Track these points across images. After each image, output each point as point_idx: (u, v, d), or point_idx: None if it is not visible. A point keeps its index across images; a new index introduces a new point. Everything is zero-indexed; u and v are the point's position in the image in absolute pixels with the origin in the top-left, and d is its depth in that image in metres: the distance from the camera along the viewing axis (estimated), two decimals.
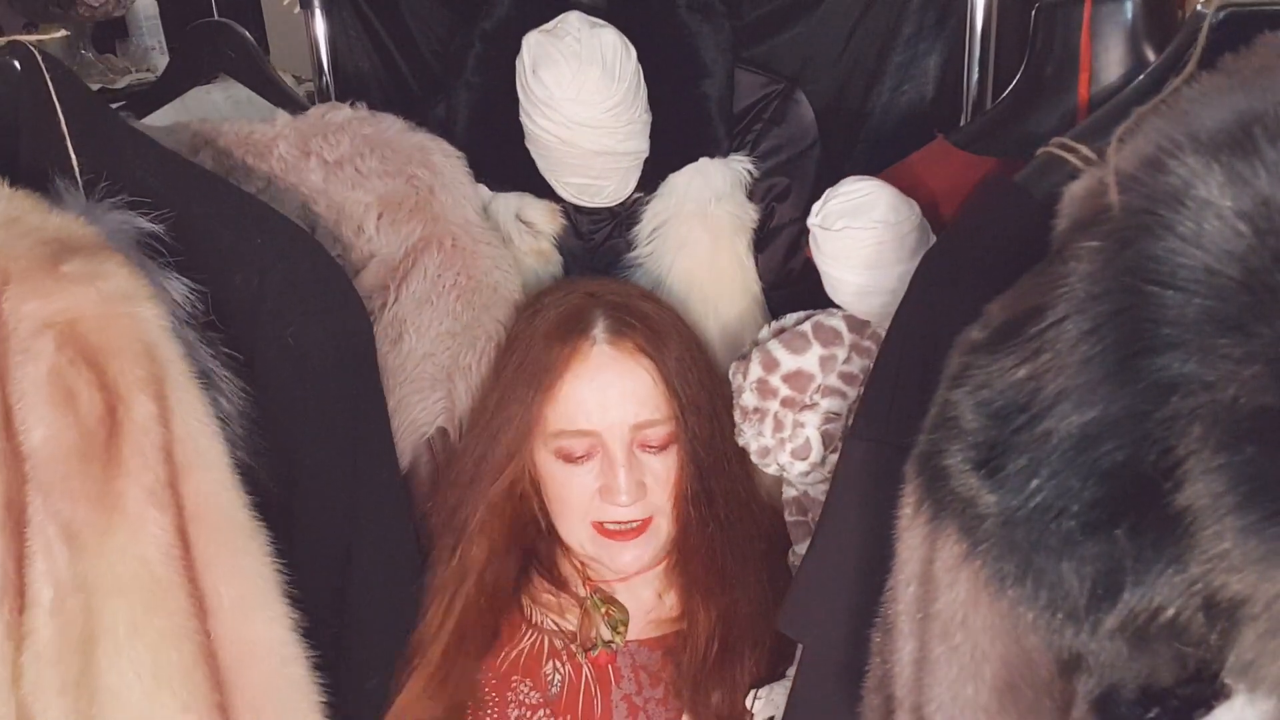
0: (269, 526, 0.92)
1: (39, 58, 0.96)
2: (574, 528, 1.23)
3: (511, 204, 1.42)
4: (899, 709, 0.78)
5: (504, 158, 1.39)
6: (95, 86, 2.13)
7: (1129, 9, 1.01)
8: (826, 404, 1.17)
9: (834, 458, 1.17)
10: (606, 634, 1.27)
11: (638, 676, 1.27)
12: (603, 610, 1.28)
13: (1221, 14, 0.81)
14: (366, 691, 1.11)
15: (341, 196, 1.27)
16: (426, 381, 1.27)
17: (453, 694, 1.23)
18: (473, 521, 1.23)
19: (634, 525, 1.21)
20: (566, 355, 1.18)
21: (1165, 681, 0.65)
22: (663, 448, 1.21)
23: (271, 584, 0.92)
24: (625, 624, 1.28)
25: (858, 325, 1.17)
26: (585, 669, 1.25)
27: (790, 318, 1.21)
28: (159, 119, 1.59)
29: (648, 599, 1.31)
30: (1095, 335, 0.62)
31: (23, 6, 2.46)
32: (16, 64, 0.96)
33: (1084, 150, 0.78)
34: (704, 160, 1.38)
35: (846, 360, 1.17)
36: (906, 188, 1.17)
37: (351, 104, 1.33)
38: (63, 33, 2.23)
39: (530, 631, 1.28)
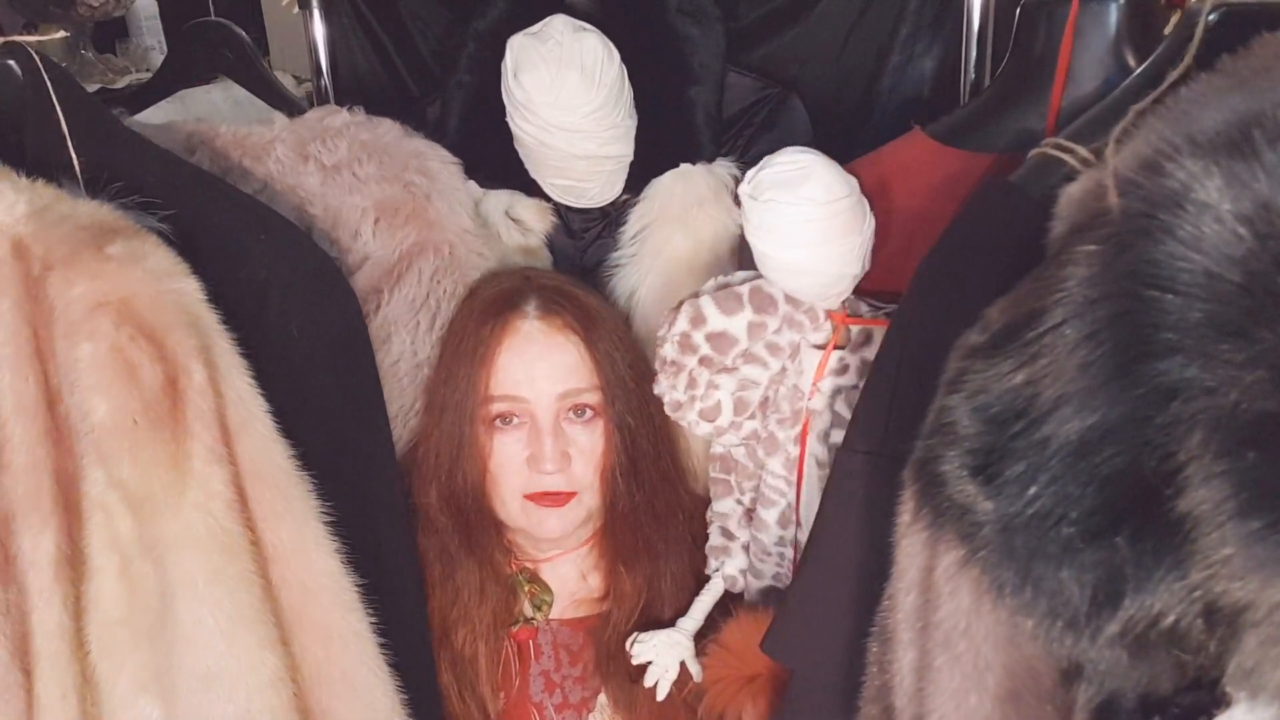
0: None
1: (37, 59, 0.97)
2: (506, 499, 1.26)
3: (502, 201, 1.42)
4: (899, 719, 0.78)
5: (495, 156, 1.39)
6: (95, 86, 2.13)
7: (1113, 12, 1.01)
8: (746, 370, 1.16)
9: (751, 425, 1.20)
10: (529, 610, 1.32)
11: (557, 654, 1.32)
12: (527, 588, 1.33)
13: (1214, 14, 0.80)
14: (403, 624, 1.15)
15: (338, 201, 1.27)
16: (417, 383, 1.30)
17: None
18: (432, 506, 1.28)
19: (560, 494, 1.25)
20: (499, 330, 1.23)
21: (1165, 690, 0.64)
22: (589, 420, 1.26)
23: (322, 527, 0.98)
24: (549, 603, 1.33)
25: (795, 298, 1.14)
26: (507, 643, 1.31)
27: (738, 275, 1.18)
28: (151, 116, 1.59)
29: (572, 579, 1.36)
30: (1094, 340, 0.61)
31: (23, 6, 2.46)
32: (15, 65, 0.97)
33: (1081, 151, 0.77)
34: (686, 166, 1.38)
35: (777, 331, 1.14)
36: (880, 177, 1.17)
37: (349, 109, 1.33)
38: (61, 34, 2.23)
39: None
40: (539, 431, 1.23)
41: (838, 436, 1.13)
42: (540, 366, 1.23)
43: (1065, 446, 0.62)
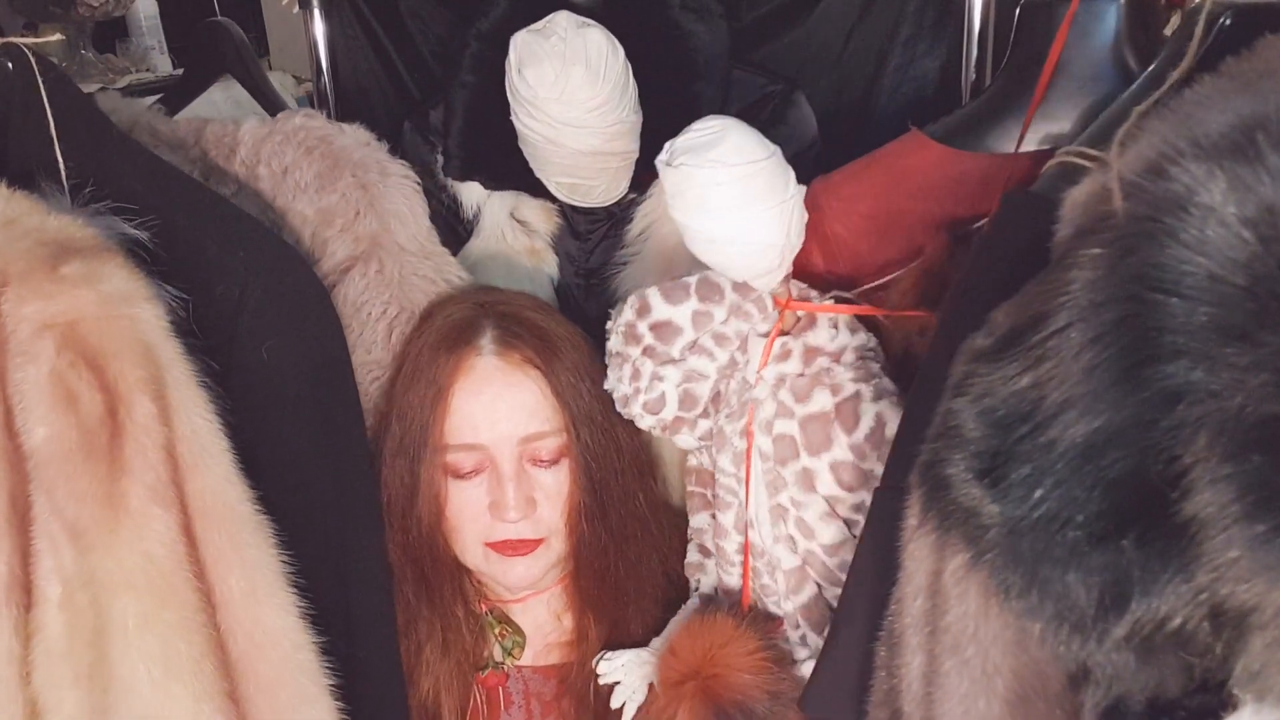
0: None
1: (32, 59, 0.96)
2: (468, 547, 1.20)
3: (507, 203, 1.42)
4: None
5: (500, 157, 1.39)
6: (95, 87, 2.12)
7: (1113, 12, 1.00)
8: (693, 361, 1.13)
9: (705, 423, 1.16)
10: (499, 654, 1.25)
11: (529, 704, 1.25)
12: (496, 630, 1.26)
13: (1224, 16, 0.80)
14: (374, 676, 1.12)
15: (286, 206, 1.24)
16: None
17: None
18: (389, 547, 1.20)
19: (525, 542, 1.18)
20: (453, 367, 1.16)
21: (1172, 692, 0.65)
22: (553, 461, 1.18)
23: (278, 574, 0.93)
24: (520, 646, 1.26)
25: (744, 287, 1.12)
26: (475, 690, 1.23)
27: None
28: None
29: (545, 621, 1.28)
30: (1099, 343, 0.61)
31: (22, 6, 2.46)
32: (9, 65, 0.96)
33: (1103, 157, 0.76)
34: None
35: (724, 321, 1.12)
36: (878, 178, 1.16)
37: (328, 115, 1.32)
38: (58, 36, 2.23)
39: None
40: (500, 478, 1.15)
41: (782, 426, 1.09)
42: (499, 408, 1.15)
43: (1071, 450, 0.62)
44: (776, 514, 1.12)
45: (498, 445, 1.15)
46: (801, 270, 1.18)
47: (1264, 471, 0.56)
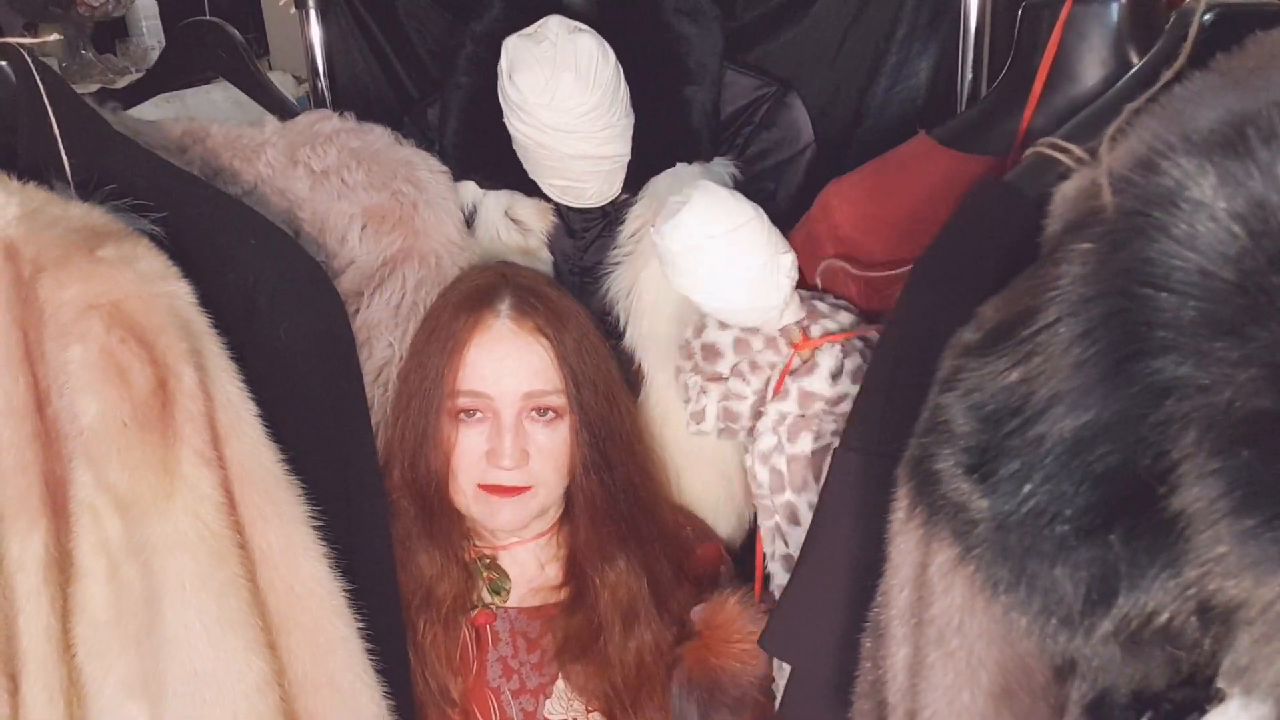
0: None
1: (30, 61, 0.98)
2: (461, 487, 1.28)
3: (502, 201, 1.42)
4: (891, 715, 0.78)
5: (494, 156, 1.40)
6: (95, 86, 2.12)
7: (1114, 11, 1.00)
8: (732, 383, 1.23)
9: (737, 433, 1.24)
10: (487, 596, 1.34)
11: (515, 641, 1.33)
12: (485, 575, 1.34)
13: (1209, 13, 0.80)
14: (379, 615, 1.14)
15: (326, 206, 1.28)
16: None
17: None
18: (394, 489, 1.29)
19: (515, 488, 1.27)
20: (471, 324, 1.26)
21: (1158, 686, 0.64)
22: (550, 421, 1.27)
23: (310, 530, 0.99)
24: (507, 590, 1.35)
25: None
26: (464, 629, 1.32)
27: None
28: (144, 112, 1.59)
29: (530, 568, 1.37)
30: (1088, 338, 0.61)
31: (22, 6, 2.47)
32: (7, 67, 0.98)
33: (1076, 150, 0.77)
34: (682, 165, 1.38)
35: (760, 351, 1.22)
36: (887, 182, 1.19)
37: (341, 114, 1.34)
38: (56, 36, 2.24)
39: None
40: (500, 428, 1.25)
41: (776, 460, 1.18)
42: (508, 365, 1.25)
43: (1059, 444, 0.62)
44: (773, 533, 1.23)
45: (502, 397, 1.25)
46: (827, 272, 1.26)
47: (1252, 466, 0.56)
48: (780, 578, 1.24)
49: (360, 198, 1.29)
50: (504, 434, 1.24)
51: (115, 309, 0.86)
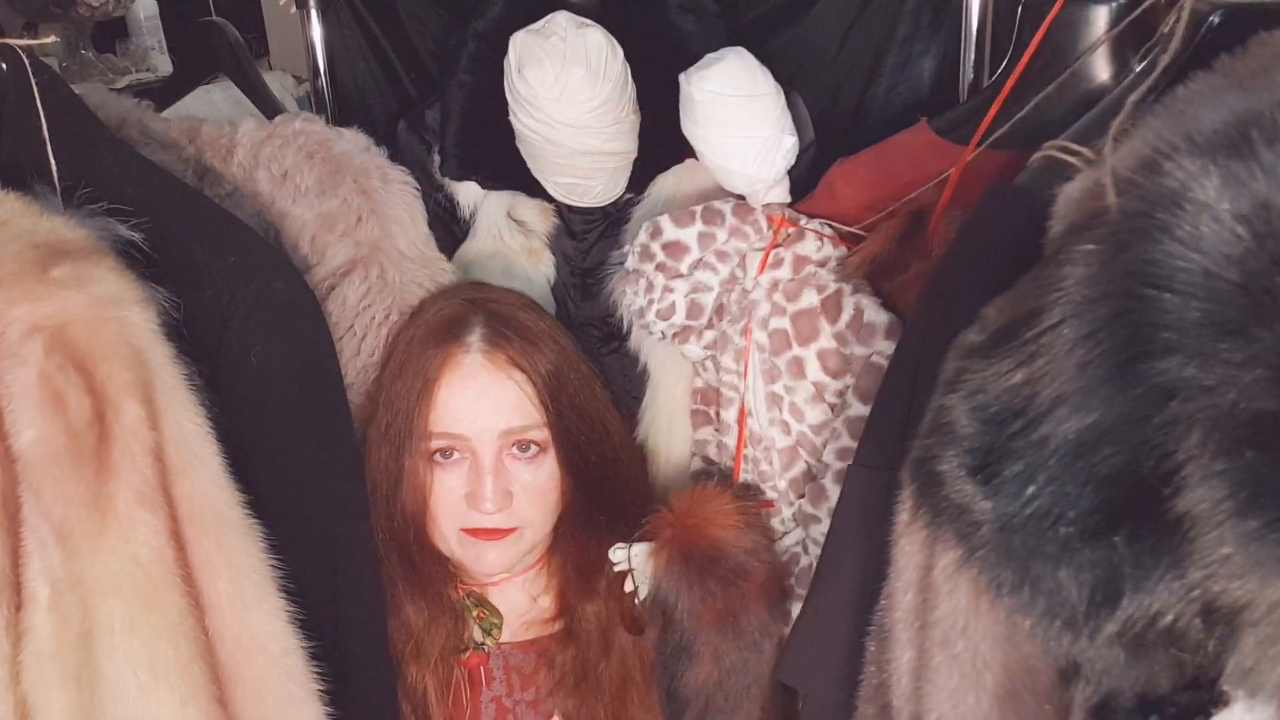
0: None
1: (26, 62, 0.96)
2: (443, 532, 1.23)
3: (504, 202, 1.42)
4: (896, 718, 0.78)
5: (497, 156, 1.39)
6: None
7: (1109, 10, 1.01)
8: (698, 275, 1.30)
9: (711, 334, 1.31)
10: (478, 636, 1.29)
11: (509, 678, 1.30)
12: (474, 613, 1.30)
13: (1215, 15, 0.80)
14: (364, 680, 1.12)
15: (285, 210, 1.25)
16: None
17: None
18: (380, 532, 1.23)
19: (499, 530, 1.22)
20: (440, 361, 1.19)
21: (1163, 688, 0.64)
22: (533, 457, 1.22)
23: (266, 578, 0.93)
24: (499, 628, 1.30)
25: (741, 210, 1.29)
26: (456, 671, 1.27)
27: None
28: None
29: (521, 602, 1.32)
30: (1093, 339, 0.61)
31: (22, 6, 2.46)
32: (4, 66, 0.95)
33: (1086, 153, 0.77)
34: (690, 161, 1.38)
35: (725, 241, 1.29)
36: (885, 165, 1.24)
37: (326, 119, 1.33)
38: (53, 38, 2.23)
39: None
40: (479, 469, 1.19)
41: (776, 323, 1.25)
42: (483, 402, 1.19)
43: (1063, 446, 0.62)
44: (772, 400, 1.27)
45: (479, 436, 1.19)
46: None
47: (1257, 467, 0.56)
48: (781, 441, 1.27)
49: (313, 204, 1.24)
50: (484, 476, 1.18)
51: (59, 333, 0.82)
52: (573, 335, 1.32)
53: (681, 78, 1.22)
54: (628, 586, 1.25)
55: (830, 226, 1.28)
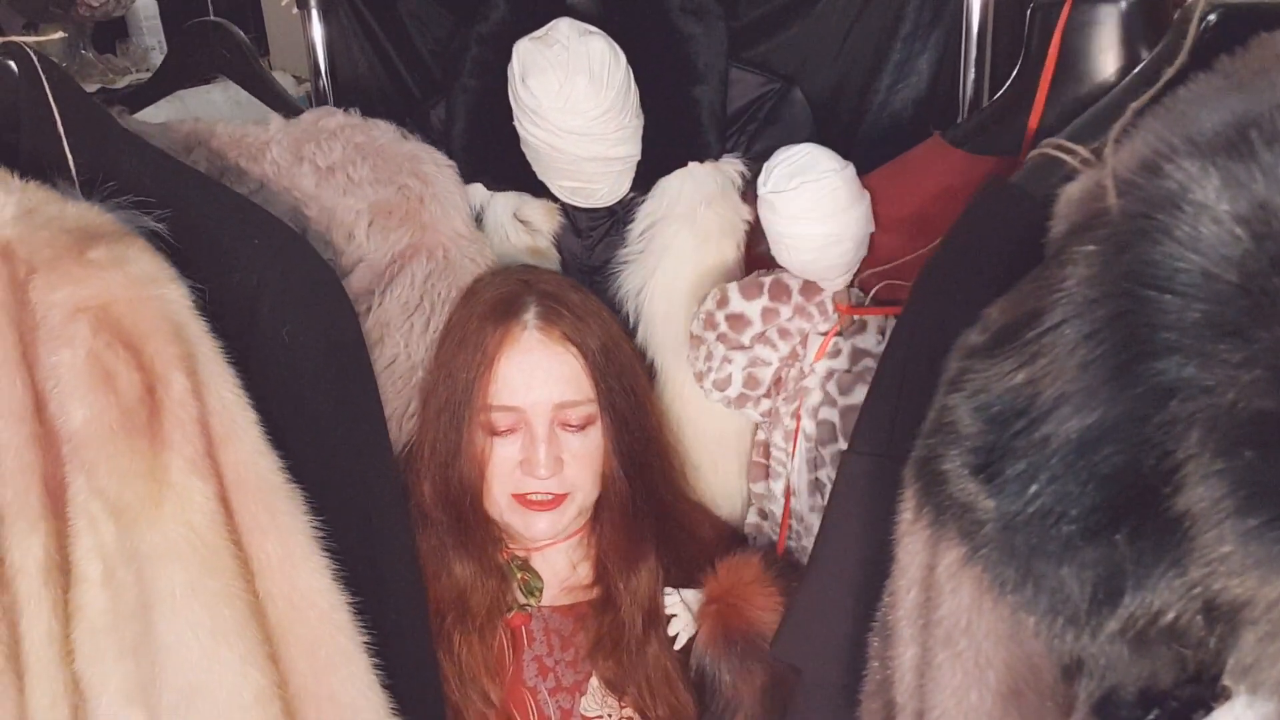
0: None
1: (35, 59, 0.97)
2: (495, 497, 1.29)
3: (510, 203, 1.43)
4: (899, 715, 0.79)
5: (501, 158, 1.40)
6: (95, 86, 2.12)
7: (1118, 12, 1.01)
8: (758, 350, 1.31)
9: (767, 403, 1.33)
10: (521, 598, 1.35)
11: (549, 639, 1.35)
12: (519, 576, 1.35)
13: (1213, 15, 0.80)
14: (403, 632, 1.15)
15: (333, 202, 1.28)
16: (412, 385, 1.31)
17: None
18: (425, 502, 1.30)
19: (550, 497, 1.28)
20: (499, 337, 1.26)
21: (1165, 684, 0.65)
22: (582, 427, 1.28)
23: (311, 540, 0.96)
24: (540, 590, 1.36)
25: (809, 289, 1.28)
26: (500, 630, 1.33)
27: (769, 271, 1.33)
28: (152, 115, 1.59)
29: (562, 568, 1.38)
30: (1093, 340, 0.62)
31: (23, 6, 2.46)
32: (13, 65, 0.96)
33: (1081, 151, 0.77)
34: (693, 165, 1.39)
35: (789, 319, 1.29)
36: (902, 184, 1.22)
37: (346, 110, 1.34)
38: (60, 34, 2.23)
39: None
40: (534, 438, 1.26)
41: (825, 413, 1.26)
42: (538, 376, 1.26)
43: (1065, 445, 0.62)
44: (814, 487, 1.29)
45: (534, 408, 1.26)
46: None
47: (1256, 466, 0.57)
48: (814, 529, 1.25)
49: (366, 193, 1.28)
50: (538, 444, 1.25)
51: (103, 312, 0.85)
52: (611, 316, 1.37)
53: (760, 185, 1.22)
54: (671, 630, 1.32)
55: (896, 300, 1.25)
